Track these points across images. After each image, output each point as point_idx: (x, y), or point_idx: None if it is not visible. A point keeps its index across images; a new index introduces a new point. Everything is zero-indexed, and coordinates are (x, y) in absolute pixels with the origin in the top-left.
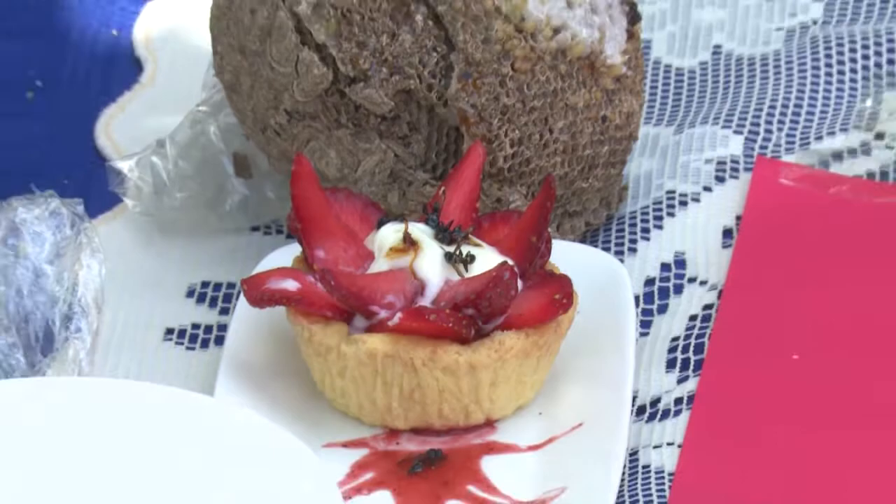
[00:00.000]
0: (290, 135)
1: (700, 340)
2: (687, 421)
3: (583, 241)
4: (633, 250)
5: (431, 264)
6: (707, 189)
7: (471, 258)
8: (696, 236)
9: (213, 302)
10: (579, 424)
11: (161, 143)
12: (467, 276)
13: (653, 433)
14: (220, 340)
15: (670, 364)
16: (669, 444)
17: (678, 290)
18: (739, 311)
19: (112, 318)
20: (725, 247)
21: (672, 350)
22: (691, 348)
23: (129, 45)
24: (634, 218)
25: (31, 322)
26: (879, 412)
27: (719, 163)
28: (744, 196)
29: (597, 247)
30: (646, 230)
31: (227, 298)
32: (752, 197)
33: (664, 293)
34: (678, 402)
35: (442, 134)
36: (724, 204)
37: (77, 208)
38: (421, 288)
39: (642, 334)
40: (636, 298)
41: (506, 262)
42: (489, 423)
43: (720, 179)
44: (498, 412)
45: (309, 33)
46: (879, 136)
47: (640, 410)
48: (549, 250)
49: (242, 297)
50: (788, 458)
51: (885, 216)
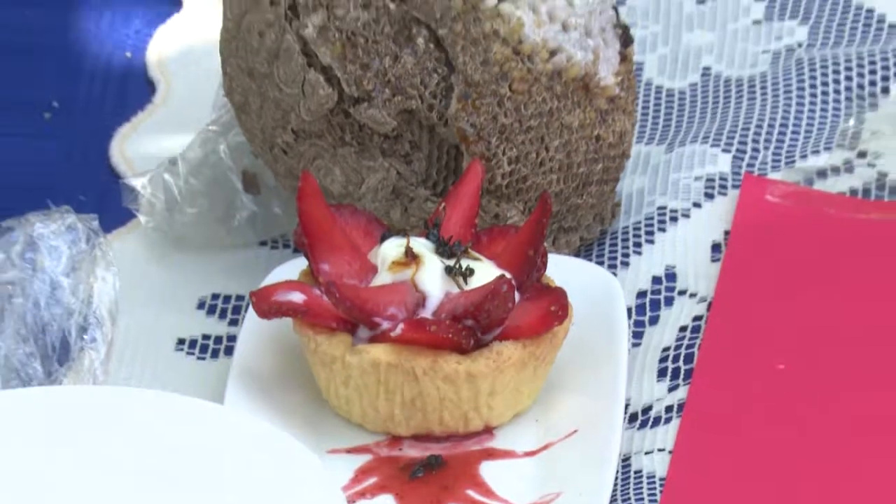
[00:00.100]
0: (297, 153)
1: (690, 351)
2: (677, 428)
3: (577, 255)
4: (626, 264)
5: (432, 277)
6: (697, 205)
7: (470, 271)
8: (686, 251)
9: (222, 313)
10: (574, 431)
11: (173, 161)
12: (467, 288)
13: (644, 439)
14: (229, 350)
15: (661, 373)
16: (661, 450)
17: (669, 302)
18: (728, 322)
19: (126, 328)
20: (714, 261)
21: (663, 360)
22: (681, 358)
23: (142, 67)
24: (627, 233)
25: (48, 333)
26: (862, 419)
27: (708, 180)
28: (732, 212)
29: (591, 261)
30: (638, 245)
31: (237, 310)
32: (739, 213)
33: (655, 305)
34: (669, 409)
35: (442, 152)
36: (712, 219)
37: (92, 223)
38: (422, 300)
39: (634, 345)
40: (629, 310)
41: (503, 275)
42: (488, 430)
43: (709, 196)
44: (496, 419)
45: (315, 56)
46: (862, 154)
47: (633, 418)
48: (545, 264)
49: (251, 308)
50: (775, 464)
51: (868, 232)
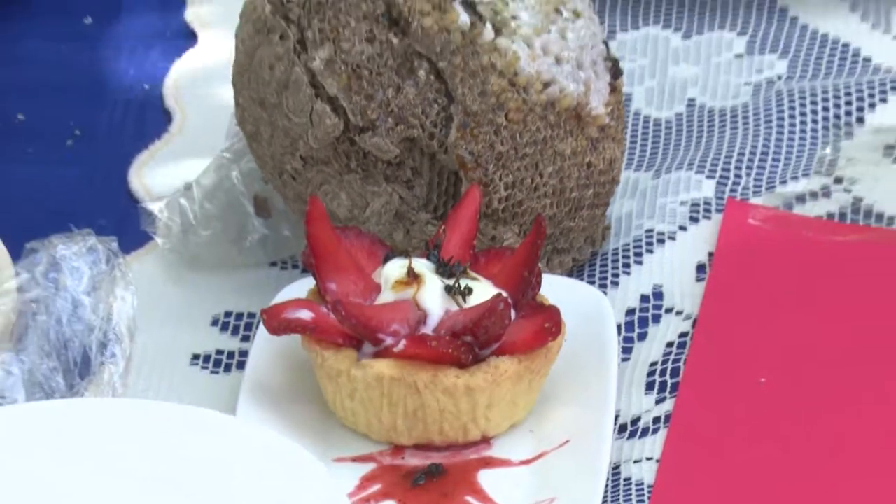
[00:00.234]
0: (305, 179)
1: (676, 365)
2: (664, 438)
3: (570, 275)
4: (616, 283)
5: (433, 296)
6: (682, 228)
7: (469, 290)
8: (673, 271)
9: (235, 330)
10: (567, 441)
11: (188, 186)
12: (465, 306)
13: (633, 449)
14: (241, 365)
15: (649, 386)
16: (648, 459)
17: (656, 319)
18: (712, 338)
19: (143, 344)
20: (699, 280)
21: (651, 374)
22: (668, 372)
23: (159, 98)
24: (617, 254)
25: (70, 348)
26: (839, 430)
27: (693, 204)
28: (715, 235)
29: (582, 280)
30: (627, 265)
31: (248, 327)
32: (723, 236)
33: (643, 322)
34: (656, 420)
35: (442, 178)
36: (697, 242)
37: (112, 245)
38: (423, 317)
39: (624, 359)
40: (618, 327)
41: (500, 294)
42: (485, 440)
43: (694, 220)
44: (493, 430)
45: (322, 87)
46: (838, 180)
47: (622, 428)
48: (539, 283)
49: (262, 325)
50: (756, 472)
51: (844, 254)
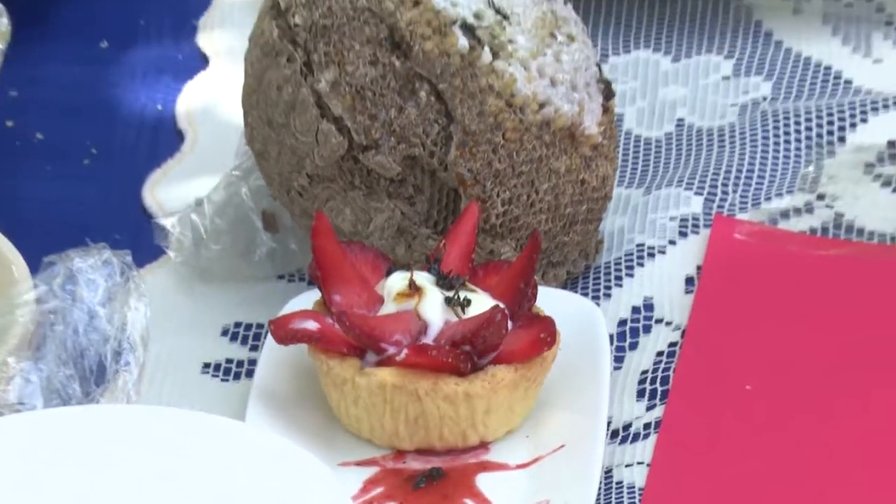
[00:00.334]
0: (311, 195)
1: (666, 373)
2: (654, 443)
3: (564, 287)
4: (608, 295)
5: (433, 307)
6: (672, 243)
7: (468, 302)
8: (663, 283)
9: (244, 340)
10: (561, 446)
11: (199, 202)
12: (464, 317)
13: (625, 453)
14: (250, 373)
15: (640, 394)
16: (639, 463)
17: (647, 329)
18: (700, 348)
19: (156, 353)
20: (688, 293)
21: (642, 381)
22: (658, 380)
23: (171, 119)
24: (609, 267)
25: (86, 357)
26: (820, 433)
27: (682, 220)
28: (703, 249)
29: (576, 292)
30: (619, 278)
31: (257, 337)
32: (710, 250)
33: (635, 332)
34: (647, 426)
35: (443, 194)
36: (686, 256)
37: (126, 259)
38: (424, 328)
39: (616, 368)
40: (610, 337)
41: (498, 305)
42: (483, 445)
43: (683, 234)
44: (491, 435)
45: (328, 108)
46: (820, 197)
47: (614, 434)
48: (535, 295)
49: (270, 335)
50: (742, 474)
51: (826, 267)
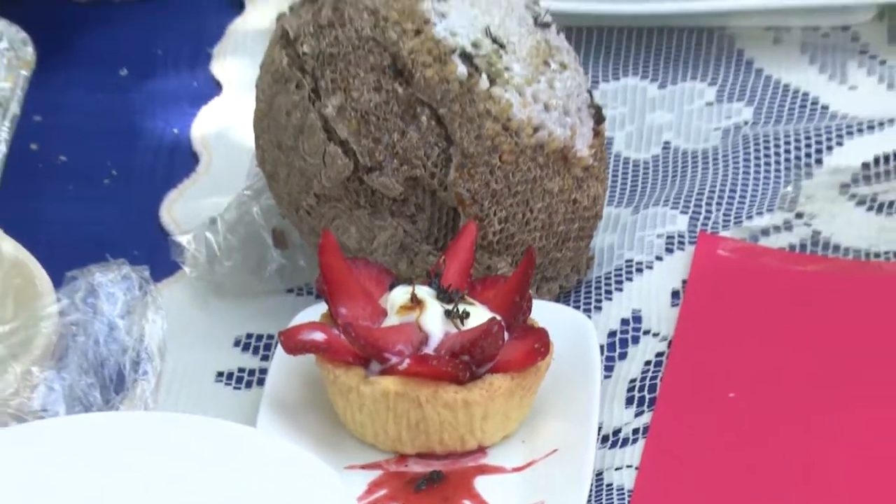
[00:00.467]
0: (319, 214)
1: (653, 382)
2: (643, 447)
3: (557, 300)
4: (599, 308)
5: (434, 319)
6: (659, 258)
7: (466, 314)
8: (650, 297)
9: (255, 350)
10: (555, 450)
11: (213, 220)
12: (463, 329)
13: (615, 457)
14: (261, 382)
15: (629, 401)
16: (628, 466)
17: (635, 340)
18: (685, 357)
19: (173, 363)
20: (674, 305)
21: (630, 389)
22: (646, 388)
23: (187, 142)
24: (599, 282)
25: (106, 366)
26: (800, 439)
27: (668, 237)
28: (688, 264)
29: (569, 305)
30: (609, 292)
31: (267, 347)
32: (695, 265)
33: (624, 343)
34: (636, 431)
35: (443, 213)
36: (672, 271)
37: (144, 274)
38: (425, 339)
39: (606, 376)
40: (601, 347)
41: (495, 317)
42: (481, 449)
43: (669, 251)
44: (488, 440)
45: (334, 131)
46: (799, 215)
47: (605, 439)
48: (529, 308)
49: (280, 346)
50: (725, 476)
51: (804, 282)
